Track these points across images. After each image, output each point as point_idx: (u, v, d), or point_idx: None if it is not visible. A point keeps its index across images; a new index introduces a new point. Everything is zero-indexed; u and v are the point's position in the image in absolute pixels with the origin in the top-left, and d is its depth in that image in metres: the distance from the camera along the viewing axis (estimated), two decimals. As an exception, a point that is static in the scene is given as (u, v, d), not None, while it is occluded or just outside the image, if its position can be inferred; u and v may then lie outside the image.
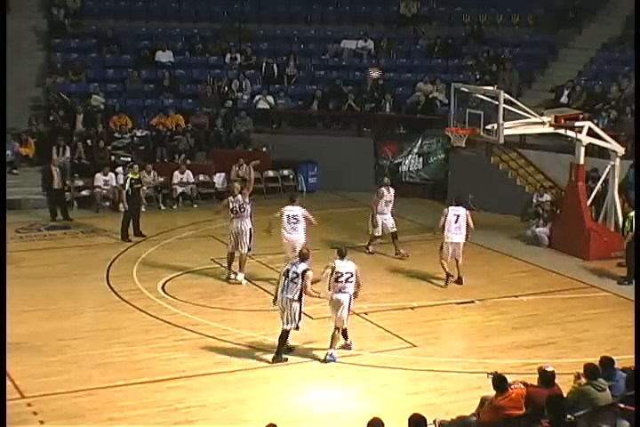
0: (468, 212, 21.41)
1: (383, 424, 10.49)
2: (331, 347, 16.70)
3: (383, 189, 23.55)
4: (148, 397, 15.14)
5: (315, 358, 16.82)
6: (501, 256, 23.78)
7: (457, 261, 21.30)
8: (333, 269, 16.83)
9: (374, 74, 31.95)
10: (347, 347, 17.17)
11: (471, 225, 21.14)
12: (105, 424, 14.18)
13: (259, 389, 15.51)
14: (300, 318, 16.67)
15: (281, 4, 36.00)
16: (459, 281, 21.24)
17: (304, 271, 16.43)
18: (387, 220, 23.42)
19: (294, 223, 21.07)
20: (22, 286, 20.50)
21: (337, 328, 16.77)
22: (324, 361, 16.58)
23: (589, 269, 22.52)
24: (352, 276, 16.79)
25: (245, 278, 21.22)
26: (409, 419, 10.50)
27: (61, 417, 14.38)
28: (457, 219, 21.14)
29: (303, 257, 16.83)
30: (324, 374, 16.24)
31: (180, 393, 15.26)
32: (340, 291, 16.72)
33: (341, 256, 17.10)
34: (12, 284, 19.95)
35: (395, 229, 23.48)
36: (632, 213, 21.36)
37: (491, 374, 12.72)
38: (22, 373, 15.83)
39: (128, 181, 24.65)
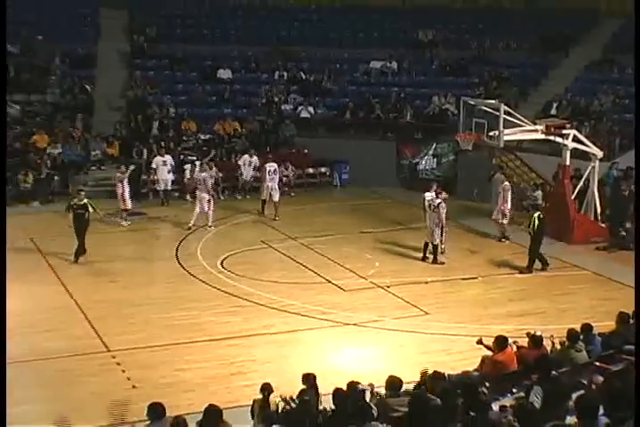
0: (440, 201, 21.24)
1: (401, 382, 10.57)
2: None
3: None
4: (209, 352, 15.28)
5: (346, 323, 16.87)
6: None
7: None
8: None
9: None
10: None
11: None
12: (174, 374, 14.34)
13: (299, 348, 15.59)
14: (442, 235, 20.88)
15: (320, 30, 35.95)
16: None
17: (438, 204, 20.71)
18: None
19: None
20: (105, 261, 20.73)
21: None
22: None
23: (572, 251, 22.34)
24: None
25: None
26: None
27: (139, 367, 14.57)
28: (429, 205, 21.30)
29: (437, 194, 20.94)
30: (351, 337, 16.30)
31: (235, 350, 15.38)
32: None
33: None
34: (95, 260, 20.32)
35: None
36: (536, 215, 20.60)
37: (478, 341, 12.97)
38: (107, 331, 16.04)
39: (70, 206, 20.91)
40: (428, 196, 21.54)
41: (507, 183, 23.52)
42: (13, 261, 19.84)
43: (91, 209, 20.86)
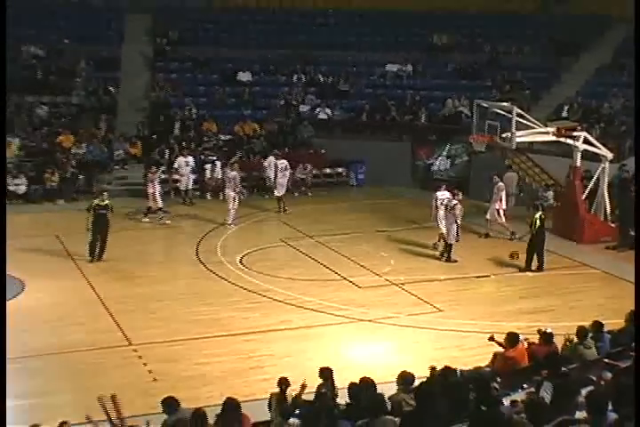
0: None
1: (413, 377, 10.54)
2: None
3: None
4: (228, 347, 15.29)
5: (361, 319, 16.85)
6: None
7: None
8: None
9: None
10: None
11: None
12: (194, 367, 14.35)
13: (315, 343, 15.57)
14: (457, 235, 20.69)
15: (337, 35, 35.90)
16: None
17: (454, 204, 20.77)
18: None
19: None
20: (128, 258, 20.78)
21: None
22: None
23: (582, 250, 22.26)
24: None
25: None
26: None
27: (160, 361, 14.57)
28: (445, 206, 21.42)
29: (454, 195, 21.12)
30: (368, 332, 16.28)
31: (253, 345, 15.38)
32: None
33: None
34: (118, 256, 20.32)
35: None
36: (537, 215, 20.45)
37: (490, 338, 12.90)
38: (129, 326, 16.07)
39: (92, 206, 20.43)
40: (442, 195, 21.52)
41: (500, 184, 23.53)
42: (38, 258, 20.02)
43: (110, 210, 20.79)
